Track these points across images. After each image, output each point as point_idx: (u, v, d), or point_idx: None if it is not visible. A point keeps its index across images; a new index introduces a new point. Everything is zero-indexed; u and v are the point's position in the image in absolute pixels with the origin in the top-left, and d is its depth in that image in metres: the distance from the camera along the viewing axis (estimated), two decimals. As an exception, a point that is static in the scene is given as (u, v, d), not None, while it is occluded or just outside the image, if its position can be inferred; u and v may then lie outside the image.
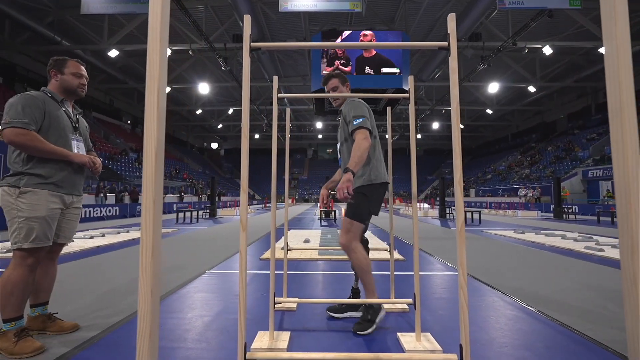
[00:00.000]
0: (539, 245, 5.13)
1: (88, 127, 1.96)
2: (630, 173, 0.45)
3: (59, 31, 15.45)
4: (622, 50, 0.47)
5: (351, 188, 1.57)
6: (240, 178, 1.07)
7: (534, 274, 3.17)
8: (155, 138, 0.48)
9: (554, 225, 9.04)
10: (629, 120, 0.47)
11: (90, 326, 1.82)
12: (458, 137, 1.08)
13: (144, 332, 0.43)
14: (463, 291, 1.04)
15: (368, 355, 1.15)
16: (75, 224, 1.79)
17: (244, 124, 1.08)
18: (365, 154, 1.69)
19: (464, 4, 13.62)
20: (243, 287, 1.03)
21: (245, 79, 1.10)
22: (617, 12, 0.49)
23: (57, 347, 1.56)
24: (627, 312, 0.46)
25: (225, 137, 43.21)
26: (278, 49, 1.33)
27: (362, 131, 1.75)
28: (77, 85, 1.75)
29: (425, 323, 1.89)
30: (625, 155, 0.46)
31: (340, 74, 2.01)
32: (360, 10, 9.62)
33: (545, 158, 25.13)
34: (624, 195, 0.46)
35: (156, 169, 0.46)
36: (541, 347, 1.61)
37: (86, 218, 10.00)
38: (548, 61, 18.90)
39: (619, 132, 0.47)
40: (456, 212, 1.07)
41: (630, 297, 0.45)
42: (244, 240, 1.05)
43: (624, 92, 0.48)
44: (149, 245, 0.45)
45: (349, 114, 1.82)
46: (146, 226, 0.46)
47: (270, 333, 1.59)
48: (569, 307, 2.19)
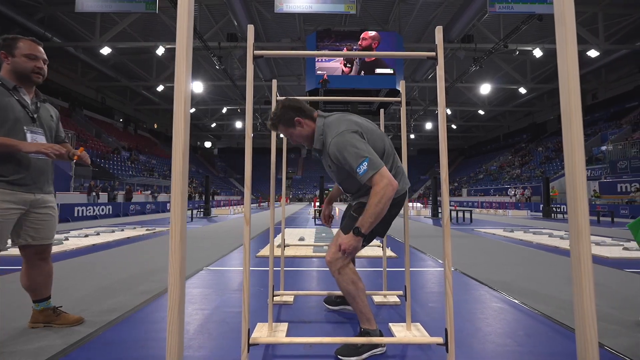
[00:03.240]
0: (527, 242, 5.30)
1: (57, 115, 1.75)
2: (577, 170, 0.55)
3: (50, 27, 15.25)
4: (571, 63, 0.57)
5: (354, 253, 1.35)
6: (245, 178, 1.15)
7: (520, 270, 3.31)
8: (182, 142, 0.56)
9: (543, 224, 9.29)
10: (576, 125, 0.57)
11: (89, 322, 1.88)
12: (444, 138, 1.18)
13: (173, 306, 0.51)
14: (448, 280, 1.14)
15: (361, 339, 1.25)
16: (50, 223, 1.66)
17: (247, 129, 1.16)
18: (386, 207, 1.28)
19: (456, 6, 13.85)
20: (247, 276, 1.11)
21: (248, 85, 1.18)
22: (567, 33, 0.59)
23: (57, 340, 1.62)
24: (574, 287, 0.56)
25: (219, 136, 43.01)
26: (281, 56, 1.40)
27: (380, 175, 1.27)
28: (30, 69, 1.51)
29: (415, 315, 2.00)
30: (573, 157, 0.56)
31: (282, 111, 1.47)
32: (355, 12, 9.75)
33: (535, 158, 25.63)
34: (572, 189, 0.56)
35: (183, 169, 0.55)
36: (522, 335, 1.73)
37: (79, 217, 9.92)
38: (538, 63, 19.30)
39: (569, 134, 0.57)
40: (442, 208, 1.17)
41: (576, 275, 0.55)
42: (247, 233, 1.14)
43: (573, 98, 0.58)
44: (177, 232, 0.54)
45: (345, 162, 1.35)
46: (175, 217, 0.55)
47: (269, 324, 1.67)
48: (551, 299, 2.32)
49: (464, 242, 5.42)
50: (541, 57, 15.24)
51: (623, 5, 14.38)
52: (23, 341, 1.59)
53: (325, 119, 1.48)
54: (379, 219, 1.28)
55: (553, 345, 1.60)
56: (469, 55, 15.09)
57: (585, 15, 14.81)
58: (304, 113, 1.47)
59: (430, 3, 14.46)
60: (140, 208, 13.76)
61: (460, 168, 39.98)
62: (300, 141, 1.54)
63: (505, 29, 14.41)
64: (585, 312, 0.55)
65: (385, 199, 1.26)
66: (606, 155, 17.83)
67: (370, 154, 1.31)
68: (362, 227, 1.29)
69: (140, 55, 19.53)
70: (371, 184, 1.29)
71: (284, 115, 1.47)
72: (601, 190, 15.44)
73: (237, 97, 22.70)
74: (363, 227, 1.28)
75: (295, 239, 5.32)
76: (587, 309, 0.55)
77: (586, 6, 14.14)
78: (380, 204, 1.26)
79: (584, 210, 0.55)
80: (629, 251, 4.18)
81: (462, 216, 10.69)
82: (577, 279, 0.54)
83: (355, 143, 1.33)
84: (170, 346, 0.53)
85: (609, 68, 20.92)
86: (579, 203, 0.55)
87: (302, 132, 1.49)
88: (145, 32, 16.76)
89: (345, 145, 1.33)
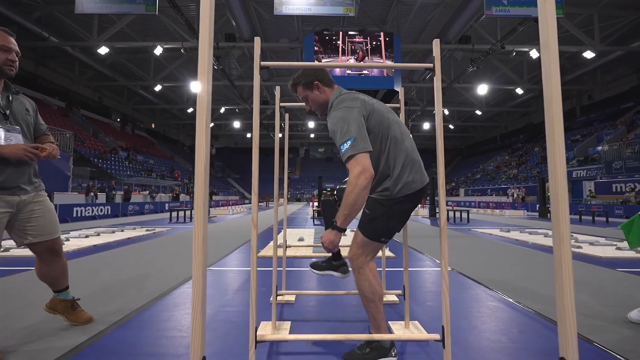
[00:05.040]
0: (523, 242, 5.39)
1: (33, 108, 1.66)
2: (559, 179, 0.62)
3: (47, 27, 15.19)
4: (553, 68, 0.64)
5: (336, 247, 1.31)
6: (252, 186, 1.21)
7: (516, 269, 3.39)
8: (204, 151, 0.63)
9: (539, 224, 9.40)
10: (559, 143, 0.64)
11: (97, 322, 1.93)
12: (441, 146, 1.24)
13: (197, 296, 0.58)
14: (445, 280, 1.21)
15: (362, 336, 1.32)
16: (45, 219, 1.61)
17: (254, 137, 1.22)
18: (361, 197, 1.21)
19: (454, 8, 13.95)
20: (254, 276, 1.17)
21: (255, 94, 1.24)
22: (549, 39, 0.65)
23: (65, 341, 1.67)
24: (556, 287, 0.62)
25: (217, 135, 42.93)
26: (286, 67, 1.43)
27: (356, 161, 1.21)
28: (2, 61, 1.42)
29: (414, 313, 2.07)
30: (555, 167, 0.63)
31: (302, 74, 1.48)
32: (353, 14, 9.83)
33: (532, 158, 25.82)
34: (555, 197, 0.62)
35: (204, 175, 0.61)
36: (516, 332, 1.80)
37: (77, 217, 9.93)
38: (535, 64, 19.46)
39: (552, 149, 0.63)
40: (439, 210, 1.23)
41: (557, 276, 0.61)
42: (254, 236, 1.20)
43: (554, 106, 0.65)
44: (200, 233, 0.60)
45: (334, 136, 1.29)
46: (198, 219, 0.61)
47: (272, 322, 1.73)
48: (544, 297, 2.39)
49: (462, 242, 5.51)
50: (537, 58, 15.37)
51: (618, 7, 14.55)
52: (34, 341, 1.64)
53: (341, 93, 1.44)
54: (355, 210, 1.22)
55: (544, 342, 1.68)
56: (467, 56, 15.19)
57: (581, 16, 14.97)
58: (325, 80, 1.47)
59: (427, 4, 14.56)
60: (139, 208, 13.77)
61: (458, 168, 40.20)
62: (314, 108, 1.51)
63: (502, 30, 14.54)
64: (566, 306, 0.62)
65: (359, 189, 1.18)
66: (602, 155, 18.02)
67: (358, 135, 1.23)
68: (337, 220, 1.24)
69: (138, 55, 19.50)
70: (348, 168, 1.23)
71: (306, 76, 1.46)
72: (596, 190, 15.61)
73: (235, 97, 22.70)
74: (338, 220, 1.24)
75: (294, 239, 5.38)
76: (567, 304, 0.62)
77: (582, 8, 14.29)
78: (353, 194, 1.18)
79: (565, 218, 0.62)
80: (622, 251, 4.28)
81: (460, 216, 10.79)
82: (559, 280, 0.61)
83: (349, 120, 1.26)
84: (194, 339, 0.59)
85: (605, 69, 21.11)
86: (561, 212, 0.61)
87: (318, 98, 1.46)
88: (143, 32, 16.74)
89: (338, 120, 1.28)
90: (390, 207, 1.35)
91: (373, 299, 1.37)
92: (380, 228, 1.36)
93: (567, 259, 0.62)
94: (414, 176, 1.37)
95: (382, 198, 1.36)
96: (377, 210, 1.36)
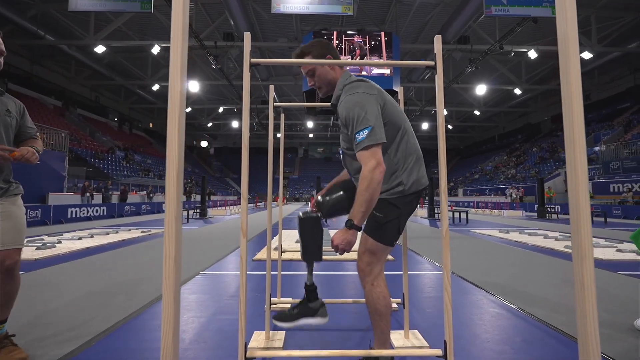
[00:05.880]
0: (522, 244, 5.34)
1: (19, 109, 1.56)
2: (581, 196, 0.54)
3: (43, 25, 15.03)
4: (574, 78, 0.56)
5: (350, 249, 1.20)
6: (241, 187, 1.14)
7: (516, 272, 3.32)
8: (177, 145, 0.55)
9: (538, 224, 9.36)
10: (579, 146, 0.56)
11: (83, 331, 1.85)
12: (443, 148, 1.17)
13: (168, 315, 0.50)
14: (447, 292, 1.13)
15: (360, 352, 1.24)
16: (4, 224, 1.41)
17: (244, 138, 1.14)
18: (377, 192, 1.15)
19: (452, 8, 13.90)
20: (244, 290, 1.10)
21: (245, 93, 1.17)
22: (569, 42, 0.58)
23: (49, 350, 1.59)
24: (577, 307, 0.55)
25: (215, 135, 42.79)
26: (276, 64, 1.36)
27: (371, 152, 1.14)
28: None
29: (413, 321, 2.00)
30: (577, 180, 0.55)
31: (316, 45, 1.35)
32: (352, 13, 9.76)
33: (530, 158, 25.85)
34: (575, 213, 0.55)
35: (178, 172, 0.53)
36: (519, 341, 1.73)
37: (72, 218, 9.80)
38: (533, 64, 19.45)
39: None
40: (441, 217, 1.16)
41: (579, 296, 0.54)
42: (244, 246, 1.12)
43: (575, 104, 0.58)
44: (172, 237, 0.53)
45: (349, 122, 1.21)
46: (169, 233, 0.53)
47: (266, 333, 1.66)
48: (546, 302, 2.33)
49: (461, 244, 5.44)
50: (536, 58, 15.35)
51: (616, 8, 14.55)
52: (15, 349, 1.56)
53: (351, 77, 1.34)
54: (371, 207, 1.15)
55: (550, 353, 1.61)
56: (465, 56, 15.17)
57: (579, 18, 14.95)
58: (336, 57, 1.38)
59: (427, 4, 14.50)
60: (135, 209, 13.64)
61: (456, 168, 40.20)
62: (320, 83, 1.37)
63: (500, 31, 14.50)
64: (589, 331, 0.55)
65: (375, 184, 1.12)
66: (599, 155, 18.04)
67: (376, 125, 1.16)
68: (354, 218, 1.15)
69: (136, 54, 19.34)
70: (360, 160, 1.16)
71: (319, 48, 1.34)
72: (594, 191, 15.61)
73: (234, 97, 22.58)
74: (355, 219, 1.15)
75: (292, 241, 5.30)
76: (590, 326, 0.55)
77: (580, 9, 14.27)
78: (369, 190, 1.12)
79: (587, 235, 0.54)
80: (623, 253, 4.23)
81: (459, 217, 10.74)
82: (581, 299, 0.54)
83: (367, 107, 1.18)
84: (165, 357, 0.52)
85: (602, 70, 21.14)
86: (583, 229, 0.54)
87: (327, 74, 1.34)
88: (141, 30, 16.60)
89: (355, 105, 1.19)
90: (403, 206, 1.29)
91: (386, 313, 1.27)
92: (392, 230, 1.28)
93: (590, 278, 0.55)
94: (423, 173, 1.35)
95: (393, 197, 1.28)
96: (391, 212, 1.27)
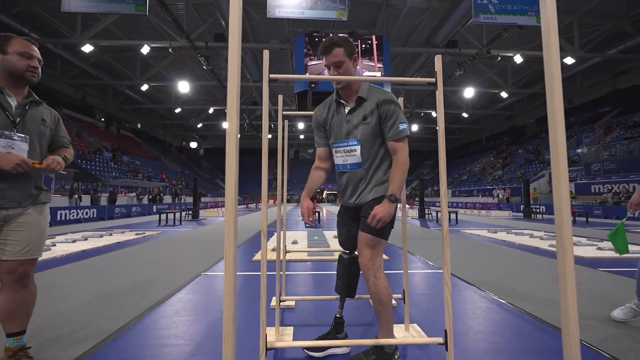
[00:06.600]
0: (510, 243, 5.57)
1: (53, 119, 1.60)
2: (563, 198, 0.67)
3: (27, 23, 14.65)
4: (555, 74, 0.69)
5: (388, 220, 1.38)
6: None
7: (505, 270, 3.51)
8: (233, 163, 0.65)
9: (523, 224, 9.70)
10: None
11: (95, 331, 1.90)
12: (443, 157, 1.30)
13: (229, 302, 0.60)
14: (447, 286, 1.26)
15: (369, 341, 1.35)
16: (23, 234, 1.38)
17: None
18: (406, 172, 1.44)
19: (441, 12, 14.24)
20: (264, 287, 1.19)
21: (264, 105, 1.27)
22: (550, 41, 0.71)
23: (63, 352, 1.65)
24: (561, 298, 0.68)
25: (205, 136, 42.37)
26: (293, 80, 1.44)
27: (405, 143, 1.45)
28: (24, 67, 1.40)
29: (411, 316, 2.12)
30: (559, 184, 0.68)
31: (347, 40, 1.49)
32: (346, 19, 9.93)
33: (516, 160, 26.58)
34: (559, 214, 0.68)
35: (234, 187, 0.63)
36: (509, 333, 1.88)
37: (61, 221, 9.63)
38: (519, 69, 20.07)
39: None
40: (442, 219, 1.28)
41: (562, 286, 0.67)
42: (264, 245, 1.22)
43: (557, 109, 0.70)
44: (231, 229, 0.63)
45: (393, 114, 1.44)
46: (228, 237, 0.63)
47: (276, 328, 1.75)
48: (532, 297, 2.50)
49: (453, 244, 5.63)
50: (521, 63, 15.85)
51: (597, 16, 15.18)
52: (32, 352, 1.61)
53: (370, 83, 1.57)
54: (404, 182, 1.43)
55: (538, 343, 1.76)
56: (454, 60, 15.54)
57: (562, 24, 15.53)
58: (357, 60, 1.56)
59: (416, 9, 14.81)
60: (126, 211, 13.45)
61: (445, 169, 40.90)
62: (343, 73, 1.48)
63: (488, 36, 14.92)
64: (570, 318, 0.67)
65: (407, 167, 1.41)
66: (581, 157, 18.73)
67: None
68: (396, 193, 1.37)
69: (124, 54, 19.04)
70: (395, 148, 1.43)
71: (350, 44, 1.49)
72: (577, 191, 16.21)
73: (224, 98, 22.44)
74: (396, 193, 1.37)
75: (288, 242, 5.39)
76: (571, 315, 0.67)
77: (563, 15, 14.83)
78: (405, 171, 1.40)
79: (568, 235, 0.67)
80: (602, 251, 4.48)
81: (449, 217, 11.00)
82: (564, 290, 0.66)
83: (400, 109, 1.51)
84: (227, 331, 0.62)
85: (584, 75, 21.95)
86: (564, 227, 0.67)
87: (351, 71, 1.50)
88: (130, 30, 16.37)
89: (397, 105, 1.47)
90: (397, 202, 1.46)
91: (389, 303, 1.43)
92: (388, 225, 1.45)
93: (571, 271, 0.67)
94: None
95: None
96: None
